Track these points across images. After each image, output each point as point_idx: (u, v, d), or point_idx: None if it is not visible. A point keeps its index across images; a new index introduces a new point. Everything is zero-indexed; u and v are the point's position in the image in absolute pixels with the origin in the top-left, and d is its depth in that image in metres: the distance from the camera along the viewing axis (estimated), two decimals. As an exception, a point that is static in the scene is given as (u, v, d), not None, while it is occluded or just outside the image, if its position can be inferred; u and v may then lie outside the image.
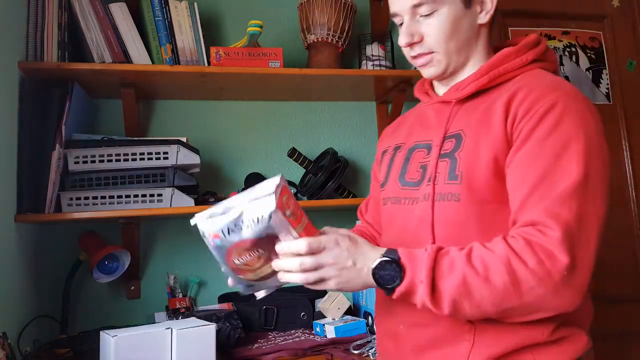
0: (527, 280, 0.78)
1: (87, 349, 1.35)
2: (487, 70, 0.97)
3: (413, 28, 0.98)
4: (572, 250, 0.78)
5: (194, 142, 1.71)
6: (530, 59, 0.97)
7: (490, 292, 0.79)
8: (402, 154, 1.07)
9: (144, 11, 1.63)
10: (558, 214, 0.80)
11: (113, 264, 1.62)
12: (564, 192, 0.81)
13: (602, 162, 0.85)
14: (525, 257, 0.79)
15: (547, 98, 0.87)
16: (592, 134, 0.85)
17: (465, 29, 0.98)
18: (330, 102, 2.01)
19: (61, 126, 1.48)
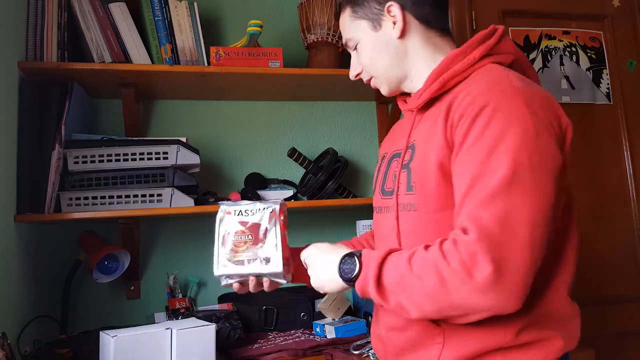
0: (451, 280, 0.79)
1: (87, 349, 1.35)
2: (436, 77, 0.97)
3: (354, 61, 1.10)
4: (493, 251, 0.77)
5: (194, 142, 1.71)
6: (479, 55, 0.95)
7: (422, 290, 0.82)
8: (384, 163, 1.11)
9: (144, 11, 1.63)
10: (478, 217, 0.79)
11: (113, 264, 1.62)
12: (488, 193, 0.80)
13: (539, 156, 0.81)
14: (449, 258, 0.80)
15: (480, 100, 0.86)
16: (527, 128, 0.82)
17: (385, 48, 1.03)
18: (330, 102, 2.01)
19: (61, 126, 1.48)
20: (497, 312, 0.80)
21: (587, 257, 2.14)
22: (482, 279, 0.77)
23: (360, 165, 2.01)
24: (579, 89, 2.26)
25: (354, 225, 1.87)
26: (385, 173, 1.08)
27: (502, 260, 0.77)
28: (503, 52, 0.98)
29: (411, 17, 1.01)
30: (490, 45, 0.96)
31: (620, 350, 2.08)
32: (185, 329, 1.23)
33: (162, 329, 1.22)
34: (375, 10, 1.03)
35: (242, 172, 1.87)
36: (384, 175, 1.08)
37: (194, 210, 1.54)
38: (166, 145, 1.55)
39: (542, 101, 0.87)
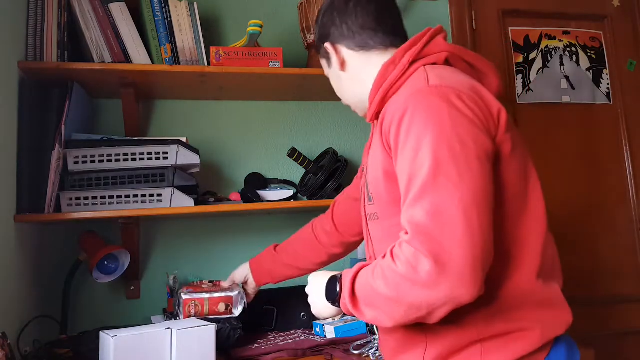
0: (402, 283, 0.82)
1: (87, 349, 1.35)
2: (376, 90, 1.02)
3: None
4: (428, 244, 0.79)
5: (194, 142, 1.71)
6: (407, 62, 0.99)
7: (385, 299, 0.85)
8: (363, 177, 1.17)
9: (144, 11, 1.63)
10: (412, 216, 0.82)
11: (113, 264, 1.62)
12: (418, 190, 0.83)
13: (459, 145, 0.83)
14: (397, 262, 0.83)
15: (402, 105, 0.89)
16: (443, 120, 0.85)
17: (339, 80, 1.14)
18: (330, 102, 2.01)
19: (61, 126, 1.48)
20: (457, 302, 0.80)
21: (587, 257, 2.16)
22: (426, 274, 0.79)
23: (359, 165, 2.01)
24: (579, 89, 2.26)
25: (354, 225, 1.87)
26: (362, 185, 1.14)
27: (440, 251, 0.78)
28: (433, 53, 1.01)
29: (344, 48, 1.10)
30: (417, 50, 1.00)
31: (620, 350, 2.08)
32: (185, 329, 1.23)
33: (162, 329, 1.22)
34: (322, 50, 1.14)
35: (242, 172, 1.87)
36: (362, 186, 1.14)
37: (194, 210, 1.54)
38: (166, 145, 1.55)
39: (462, 92, 0.89)
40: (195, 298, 1.41)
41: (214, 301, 1.42)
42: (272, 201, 1.76)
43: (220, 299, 1.42)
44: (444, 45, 1.02)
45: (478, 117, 0.87)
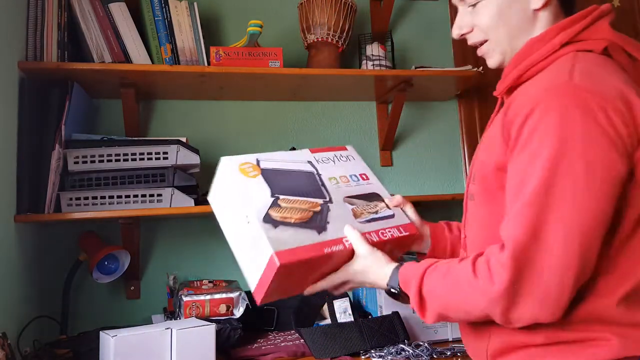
0: (474, 294, 0.82)
1: (87, 349, 1.35)
2: (515, 64, 0.92)
3: (463, 19, 0.98)
4: (521, 261, 0.77)
5: (194, 142, 1.71)
6: (559, 43, 0.87)
7: (455, 308, 0.86)
8: None
9: (144, 11, 1.63)
10: (511, 232, 0.79)
11: (113, 264, 1.62)
12: (523, 204, 0.78)
13: (584, 165, 0.75)
14: (478, 273, 0.82)
15: (533, 99, 0.81)
16: (575, 133, 0.76)
17: (515, 16, 0.92)
18: (330, 102, 2.01)
19: (61, 126, 1.48)
20: (534, 321, 0.80)
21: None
22: (504, 289, 0.78)
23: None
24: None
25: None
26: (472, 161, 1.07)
27: (529, 270, 0.77)
28: (592, 38, 0.88)
29: None
30: (574, 31, 0.87)
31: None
32: (185, 329, 1.22)
33: (162, 329, 1.22)
34: None
35: (242, 172, 1.87)
36: None
37: (194, 211, 1.54)
38: (166, 145, 1.55)
39: (607, 101, 0.78)
40: (195, 300, 1.41)
41: (214, 303, 1.42)
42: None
43: (221, 300, 1.42)
44: (607, 32, 0.88)
45: (618, 135, 0.76)
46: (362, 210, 1.06)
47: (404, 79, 1.80)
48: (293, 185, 1.05)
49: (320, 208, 1.02)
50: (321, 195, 1.06)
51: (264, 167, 1.06)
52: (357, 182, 1.14)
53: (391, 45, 1.98)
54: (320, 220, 1.00)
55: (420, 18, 2.14)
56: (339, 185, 1.09)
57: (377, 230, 1.04)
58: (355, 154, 1.21)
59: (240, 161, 1.05)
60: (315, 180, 1.09)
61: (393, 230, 1.06)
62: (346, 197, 1.08)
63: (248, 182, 1.01)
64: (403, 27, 2.12)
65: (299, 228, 0.96)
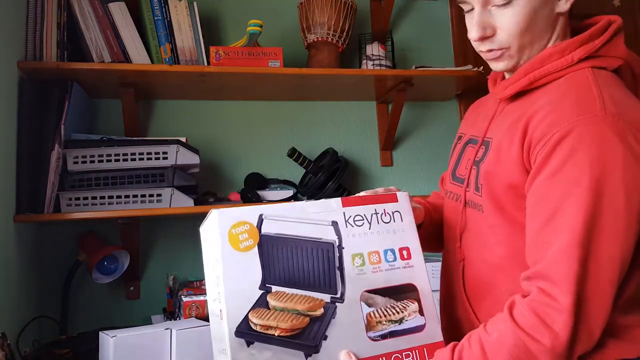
0: (532, 354, 0.74)
1: (87, 349, 1.35)
2: (527, 71, 0.88)
3: (485, 20, 0.87)
4: (579, 305, 0.73)
5: (194, 142, 1.71)
6: (577, 58, 0.85)
7: None
8: (460, 145, 1.04)
9: (144, 11, 1.62)
10: (567, 270, 0.73)
11: (112, 265, 1.62)
12: (571, 241, 0.74)
13: (625, 197, 0.74)
14: (538, 336, 0.74)
15: (564, 123, 0.77)
16: (614, 164, 0.74)
17: (543, 19, 0.87)
18: (330, 102, 2.01)
19: (60, 126, 1.48)
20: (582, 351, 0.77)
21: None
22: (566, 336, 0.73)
23: (360, 165, 2.01)
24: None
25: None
26: (459, 157, 1.01)
27: (585, 313, 0.74)
28: (609, 56, 0.87)
29: None
30: (594, 47, 0.86)
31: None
32: (185, 329, 1.22)
33: (161, 329, 1.22)
34: None
35: (242, 172, 1.87)
36: (457, 159, 1.02)
37: (194, 211, 1.53)
38: (166, 145, 1.54)
39: (638, 128, 0.77)
40: (195, 300, 1.41)
41: None
42: (272, 201, 1.76)
43: None
44: (623, 51, 0.88)
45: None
46: (380, 317, 0.80)
47: (404, 79, 1.80)
48: (297, 268, 0.79)
49: (322, 311, 0.78)
50: (331, 288, 0.80)
51: (265, 233, 0.79)
52: (390, 265, 0.83)
53: (391, 45, 1.97)
54: (315, 333, 0.76)
55: (421, 18, 2.14)
56: (364, 269, 0.81)
57: (390, 353, 0.78)
58: (406, 209, 0.89)
59: (234, 220, 0.78)
60: (332, 259, 0.81)
61: (412, 355, 0.80)
62: (366, 290, 0.81)
63: (236, 259, 0.77)
64: (403, 26, 2.12)
65: (281, 347, 0.74)
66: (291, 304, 0.77)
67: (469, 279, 0.95)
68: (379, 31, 2.00)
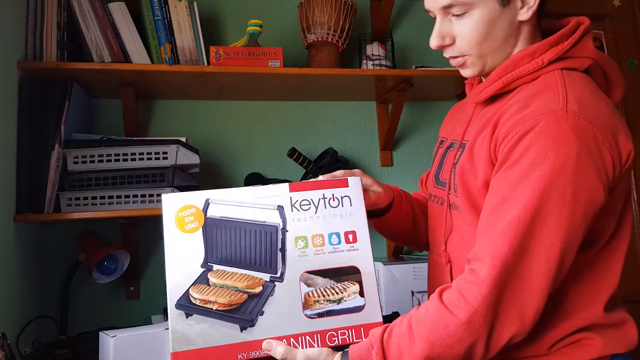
0: (452, 328, 0.76)
1: (86, 349, 1.34)
2: (500, 75, 0.91)
3: (445, 29, 0.92)
4: (502, 281, 0.76)
5: (194, 142, 1.71)
6: (547, 60, 0.88)
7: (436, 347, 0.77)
8: (442, 151, 1.06)
9: (144, 11, 1.62)
10: (497, 245, 0.77)
11: (112, 265, 1.62)
12: (509, 223, 0.77)
13: (572, 191, 0.77)
14: (456, 310, 0.77)
15: (527, 121, 0.81)
16: (567, 160, 0.77)
17: (502, 28, 0.89)
18: (330, 102, 2.01)
19: (60, 126, 1.48)
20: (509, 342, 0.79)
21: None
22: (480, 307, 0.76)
23: (360, 165, 2.01)
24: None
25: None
26: (442, 161, 1.03)
27: (509, 292, 0.76)
28: (578, 56, 0.89)
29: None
30: (563, 49, 0.88)
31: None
32: (185, 329, 1.22)
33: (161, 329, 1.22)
34: None
35: (242, 172, 1.87)
36: (439, 162, 1.04)
37: (194, 210, 1.53)
38: (166, 145, 1.54)
39: (599, 132, 0.80)
40: None
41: None
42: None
43: None
44: (592, 51, 0.90)
45: (604, 167, 0.79)
46: (319, 296, 0.82)
47: (404, 79, 1.80)
48: (239, 249, 0.83)
49: (261, 289, 0.82)
50: (272, 268, 0.83)
51: (210, 215, 0.83)
52: (334, 247, 0.86)
53: (391, 44, 1.97)
54: (252, 309, 0.80)
55: (421, 17, 2.14)
56: (306, 252, 0.84)
57: (325, 331, 0.81)
58: (357, 194, 0.91)
59: (181, 204, 0.83)
60: (274, 241, 0.84)
61: (348, 334, 0.82)
62: (307, 271, 0.83)
63: (181, 240, 0.82)
64: (403, 26, 2.12)
65: (218, 320, 0.79)
66: (230, 281, 0.82)
67: None
68: (379, 31, 2.00)
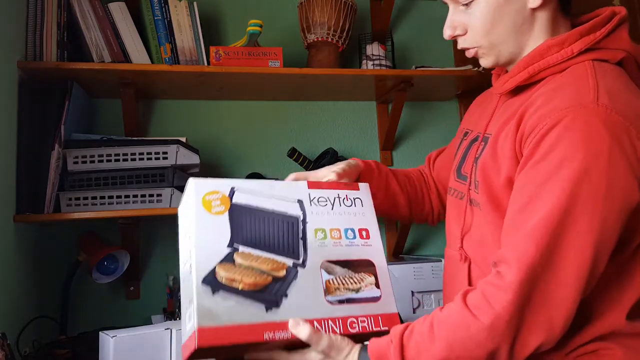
0: (473, 332, 0.73)
1: (86, 349, 1.35)
2: (525, 65, 0.87)
3: (456, 19, 0.92)
4: (529, 285, 0.72)
5: (194, 142, 1.71)
6: (577, 50, 0.83)
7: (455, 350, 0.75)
8: (466, 143, 1.02)
9: (144, 11, 1.62)
10: (524, 248, 0.73)
11: (112, 265, 1.62)
12: (536, 225, 0.73)
13: (605, 190, 0.72)
14: (479, 314, 0.74)
15: (554, 114, 0.76)
16: (598, 157, 0.72)
17: (511, 16, 0.87)
18: (330, 102, 2.01)
19: (60, 126, 1.48)
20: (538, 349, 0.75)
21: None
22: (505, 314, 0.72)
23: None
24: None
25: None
26: (465, 154, 0.99)
27: (537, 297, 0.72)
28: (610, 48, 0.84)
29: None
30: (594, 39, 0.83)
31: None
32: (185, 329, 1.22)
33: (161, 329, 1.22)
34: None
35: (241, 172, 1.87)
36: (463, 155, 1.00)
37: (194, 211, 1.53)
38: (166, 145, 1.54)
39: (632, 126, 0.75)
40: None
41: None
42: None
43: None
44: (626, 42, 0.85)
45: (638, 162, 0.74)
46: (339, 284, 0.85)
47: (404, 79, 1.80)
48: (263, 234, 0.85)
49: (285, 273, 0.83)
50: (294, 254, 0.86)
51: (235, 202, 0.86)
52: (350, 241, 0.90)
53: (391, 44, 1.97)
54: (277, 290, 0.81)
55: (421, 18, 2.14)
56: (325, 242, 0.88)
57: (346, 317, 0.83)
58: (367, 197, 0.96)
59: (208, 188, 0.87)
60: (296, 231, 0.87)
61: (367, 322, 0.84)
62: (327, 260, 0.86)
63: (208, 220, 0.85)
64: (403, 26, 2.12)
65: (244, 299, 0.79)
66: (256, 263, 0.83)
67: (476, 280, 0.93)
68: (379, 31, 2.00)
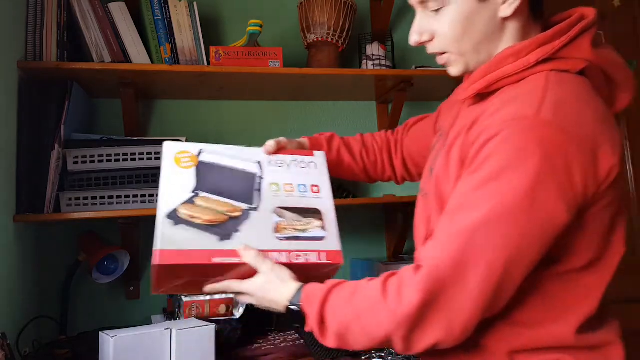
0: (379, 315, 0.77)
1: (86, 349, 1.35)
2: (484, 74, 0.85)
3: (423, 25, 0.90)
4: (435, 288, 0.74)
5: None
6: (534, 61, 0.81)
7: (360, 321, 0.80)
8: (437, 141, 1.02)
9: (144, 11, 1.62)
10: (438, 253, 0.75)
11: (112, 265, 1.62)
12: (455, 230, 0.75)
13: (527, 205, 0.72)
14: (387, 293, 0.78)
15: (497, 125, 0.75)
16: (526, 173, 0.71)
17: (481, 25, 0.84)
18: (330, 102, 2.01)
19: (60, 126, 1.48)
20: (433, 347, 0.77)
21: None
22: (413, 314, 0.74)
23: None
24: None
25: (354, 228, 1.87)
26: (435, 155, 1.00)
27: (441, 300, 0.74)
28: (570, 57, 0.82)
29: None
30: (553, 49, 0.81)
31: (621, 350, 2.07)
32: (185, 329, 1.22)
33: (161, 329, 1.22)
34: None
35: (242, 172, 1.86)
36: (435, 154, 0.99)
37: (194, 211, 1.53)
38: (166, 145, 1.54)
39: (572, 145, 0.73)
40: (195, 300, 1.41)
41: (214, 303, 1.42)
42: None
43: (221, 300, 1.42)
44: (588, 52, 0.82)
45: (572, 185, 0.73)
46: (287, 225, 0.97)
47: (404, 79, 1.80)
48: (223, 185, 0.99)
49: (240, 214, 0.96)
50: (248, 200, 0.99)
51: (202, 160, 1.01)
52: (302, 194, 1.03)
53: (391, 44, 1.97)
54: (230, 227, 0.93)
55: (421, 18, 2.14)
56: (278, 194, 1.01)
57: (291, 250, 0.94)
58: (322, 163, 1.12)
59: (179, 149, 1.01)
60: (252, 184, 1.01)
61: (310, 255, 0.95)
62: (279, 207, 0.99)
63: (177, 172, 0.98)
64: (403, 26, 2.12)
65: (200, 231, 0.91)
66: (214, 205, 0.97)
67: None
68: (379, 31, 2.00)
